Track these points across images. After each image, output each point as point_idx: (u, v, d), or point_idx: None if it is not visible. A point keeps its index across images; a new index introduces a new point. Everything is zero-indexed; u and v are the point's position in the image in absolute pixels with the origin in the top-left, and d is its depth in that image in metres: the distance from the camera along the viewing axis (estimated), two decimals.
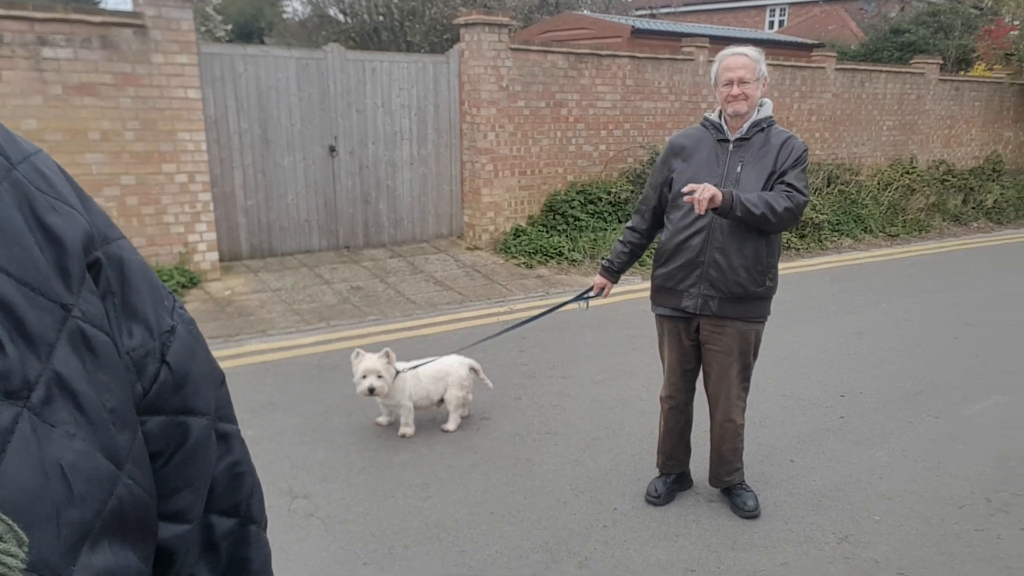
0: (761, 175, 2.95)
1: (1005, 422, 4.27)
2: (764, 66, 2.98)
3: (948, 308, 6.74)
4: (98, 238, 0.59)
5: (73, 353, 0.52)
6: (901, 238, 10.36)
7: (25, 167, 0.55)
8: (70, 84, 5.80)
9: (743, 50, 2.97)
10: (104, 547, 0.51)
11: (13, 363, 0.47)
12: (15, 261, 0.50)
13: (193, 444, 0.66)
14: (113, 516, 0.52)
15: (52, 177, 0.58)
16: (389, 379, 3.82)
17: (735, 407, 3.18)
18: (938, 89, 12.31)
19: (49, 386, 0.49)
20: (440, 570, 2.85)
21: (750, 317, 3.07)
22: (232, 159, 6.99)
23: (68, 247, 0.54)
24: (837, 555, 2.98)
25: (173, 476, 0.64)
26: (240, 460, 0.74)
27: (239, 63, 6.86)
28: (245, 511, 0.74)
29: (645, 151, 9.20)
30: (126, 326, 0.61)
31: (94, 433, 0.52)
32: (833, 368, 5.12)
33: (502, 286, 7.18)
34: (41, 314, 0.50)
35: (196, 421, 0.67)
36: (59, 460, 0.48)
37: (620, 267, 3.37)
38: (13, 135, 0.57)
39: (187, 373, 0.66)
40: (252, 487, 0.76)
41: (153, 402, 0.63)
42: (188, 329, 0.69)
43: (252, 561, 0.75)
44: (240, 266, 7.08)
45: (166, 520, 0.64)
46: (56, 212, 0.55)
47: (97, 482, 0.51)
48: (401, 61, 7.83)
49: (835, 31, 21.76)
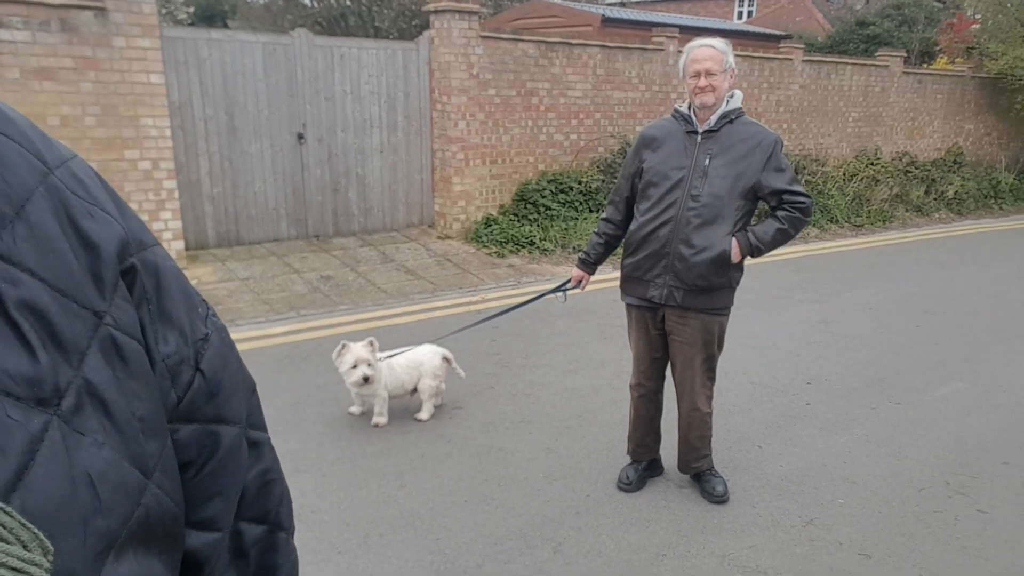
0: (731, 168, 2.97)
1: (963, 407, 4.39)
2: (732, 58, 3.00)
3: (910, 297, 6.90)
4: (133, 244, 0.58)
5: (104, 361, 0.51)
6: (866, 228, 10.56)
7: (62, 172, 0.54)
8: (28, 68, 5.64)
9: (710, 42, 2.99)
10: (129, 556, 0.50)
11: (45, 370, 0.47)
12: (49, 267, 0.49)
13: (225, 453, 0.66)
14: (139, 525, 0.51)
15: (88, 182, 0.57)
16: (376, 368, 3.83)
17: (700, 396, 3.22)
18: (902, 82, 12.54)
19: (79, 394, 0.49)
20: (415, 558, 2.86)
21: (713, 309, 3.10)
22: (197, 146, 6.86)
23: (103, 253, 0.54)
24: (803, 537, 3.05)
25: (205, 485, 0.64)
26: (270, 468, 0.74)
27: (203, 47, 6.73)
28: (274, 518, 0.74)
29: (616, 140, 9.24)
30: (161, 333, 0.60)
31: (123, 442, 0.51)
32: (800, 356, 5.22)
33: (474, 275, 7.18)
34: (73, 321, 0.50)
35: (228, 430, 0.67)
36: (87, 469, 0.48)
37: (596, 259, 3.39)
38: (50, 140, 0.56)
39: (220, 381, 0.66)
40: (282, 494, 0.76)
41: (186, 410, 0.62)
42: (221, 337, 0.68)
43: (280, 568, 0.75)
44: (207, 255, 6.98)
45: (197, 528, 0.63)
46: (92, 218, 0.54)
47: (124, 491, 0.50)
48: (370, 47, 7.75)
49: (802, 22, 22.02)
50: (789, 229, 3.02)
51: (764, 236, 3.01)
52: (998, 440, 3.97)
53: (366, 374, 3.77)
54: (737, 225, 3.02)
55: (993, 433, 4.06)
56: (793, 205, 3.00)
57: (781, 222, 3.01)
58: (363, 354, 3.78)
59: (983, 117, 14.16)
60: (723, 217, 2.98)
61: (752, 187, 2.98)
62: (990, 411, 4.35)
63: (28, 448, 0.44)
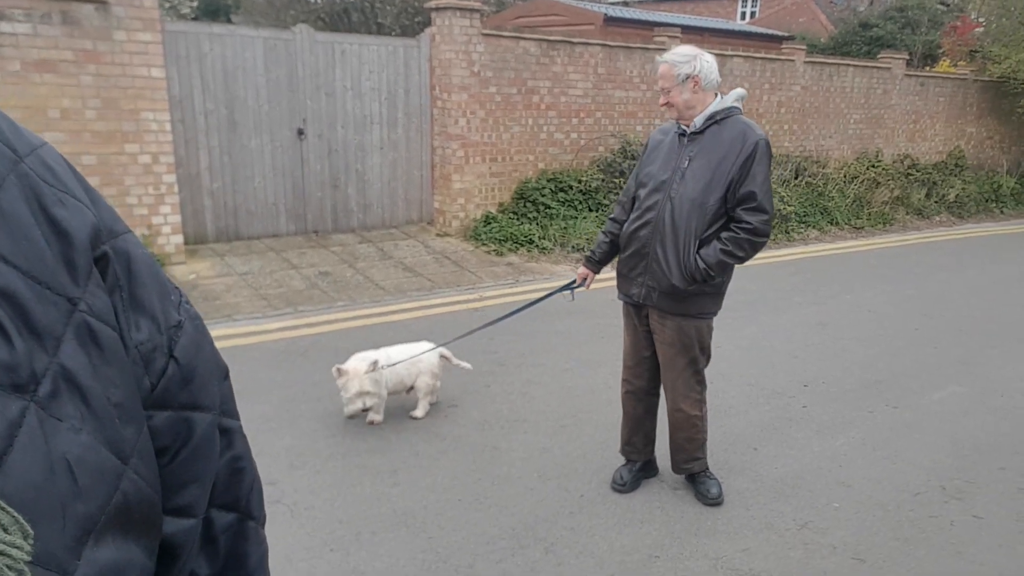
0: (706, 170, 2.92)
1: (961, 411, 4.39)
2: (689, 66, 2.91)
3: (909, 300, 6.89)
4: (105, 232, 0.58)
5: (79, 347, 0.52)
6: (866, 231, 10.55)
7: (32, 160, 0.54)
8: (29, 60, 5.63)
9: (664, 57, 2.99)
10: (108, 541, 0.51)
11: (20, 356, 0.47)
12: (22, 254, 0.49)
13: (199, 439, 0.66)
14: (118, 510, 0.52)
15: (59, 170, 0.57)
16: (380, 391, 3.83)
17: (684, 398, 3.20)
18: (904, 84, 12.52)
19: (56, 380, 0.49)
20: (407, 556, 2.85)
21: (688, 313, 3.07)
22: (197, 140, 6.85)
23: (75, 241, 0.54)
24: (797, 541, 3.05)
25: (180, 471, 0.64)
26: (241, 455, 0.74)
27: (205, 42, 6.71)
28: (245, 506, 0.75)
29: (616, 140, 9.23)
30: (134, 320, 0.60)
31: (100, 427, 0.52)
32: (797, 358, 5.21)
33: (472, 273, 7.17)
34: (48, 307, 0.50)
35: (202, 416, 0.67)
36: (65, 454, 0.48)
37: (602, 257, 3.37)
38: (19, 128, 0.56)
39: (194, 368, 0.66)
40: (252, 482, 0.76)
41: (160, 397, 0.63)
42: (194, 324, 0.69)
43: (250, 556, 0.75)
44: (206, 249, 6.97)
45: (172, 515, 0.64)
46: (63, 205, 0.54)
47: (102, 476, 0.51)
48: (371, 44, 7.74)
49: (805, 23, 21.98)
50: (735, 250, 2.90)
51: (710, 259, 2.92)
52: (994, 444, 3.97)
53: (367, 406, 3.80)
54: (713, 227, 2.96)
55: (989, 437, 4.05)
56: (739, 225, 2.90)
57: (725, 244, 2.91)
58: (366, 386, 3.75)
59: (985, 121, 14.13)
60: (696, 220, 2.93)
61: (727, 189, 2.90)
62: (987, 415, 4.34)
63: (6, 434, 0.45)
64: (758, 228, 2.90)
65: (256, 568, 0.76)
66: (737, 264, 3.01)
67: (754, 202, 2.89)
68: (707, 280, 2.97)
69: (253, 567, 0.76)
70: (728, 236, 2.92)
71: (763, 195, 2.90)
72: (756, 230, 2.90)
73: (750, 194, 2.89)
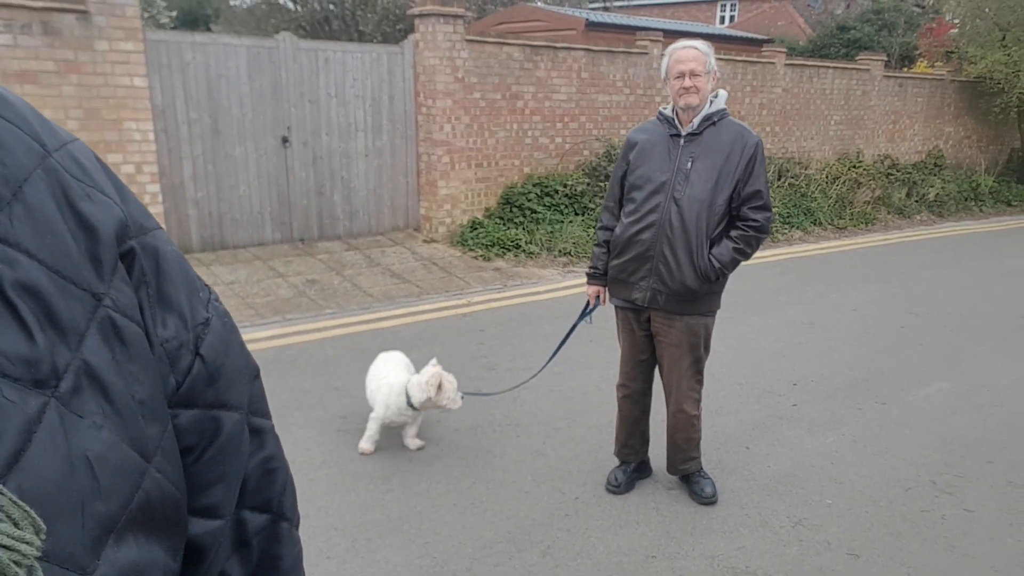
0: (712, 171, 2.97)
1: (948, 407, 4.43)
2: (714, 60, 3.01)
3: (893, 298, 6.96)
4: (133, 227, 0.58)
5: (103, 343, 0.51)
6: (849, 230, 10.65)
7: (61, 154, 0.54)
8: (9, 71, 5.57)
9: (693, 43, 2.99)
10: (130, 541, 0.50)
11: (42, 351, 0.46)
12: (46, 248, 0.49)
13: (226, 438, 0.65)
14: (140, 509, 0.51)
15: (88, 165, 0.57)
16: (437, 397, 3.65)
17: (687, 398, 3.22)
18: (883, 85, 12.67)
19: (78, 376, 0.48)
20: (403, 562, 2.84)
21: (698, 312, 3.11)
22: (181, 149, 6.81)
23: (101, 235, 0.53)
24: (791, 538, 3.06)
25: (206, 471, 0.63)
26: (273, 455, 0.73)
27: (187, 51, 6.68)
28: (277, 507, 0.73)
29: (601, 144, 9.27)
30: (160, 317, 0.60)
31: (122, 425, 0.51)
32: (785, 357, 5.24)
33: (460, 279, 7.16)
34: (72, 302, 0.49)
35: (229, 415, 0.66)
36: (85, 451, 0.47)
37: (604, 269, 3.31)
38: (51, 124, 0.56)
39: (221, 366, 0.65)
40: (284, 483, 0.75)
41: (186, 395, 0.62)
42: (223, 322, 0.68)
43: (283, 558, 0.74)
44: (191, 259, 6.91)
45: (198, 515, 0.63)
46: (91, 200, 0.54)
47: (124, 474, 0.50)
48: (355, 51, 7.73)
49: (784, 27, 22.22)
50: (745, 248, 3.02)
51: (724, 258, 3.01)
52: (982, 439, 4.01)
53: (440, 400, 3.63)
54: (720, 227, 3.02)
55: (977, 432, 4.10)
56: (747, 223, 3.00)
57: (736, 242, 3.01)
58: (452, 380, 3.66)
59: (962, 120, 14.33)
60: (706, 220, 2.98)
61: (733, 189, 2.98)
62: (973, 411, 4.39)
63: (25, 430, 0.44)
64: (764, 225, 3.01)
65: (291, 570, 0.75)
66: (744, 261, 3.06)
67: (760, 200, 2.99)
68: (719, 279, 3.04)
69: (287, 569, 0.75)
70: (738, 234, 3.00)
71: (767, 194, 3.01)
72: (762, 227, 3.01)
73: (756, 193, 2.98)
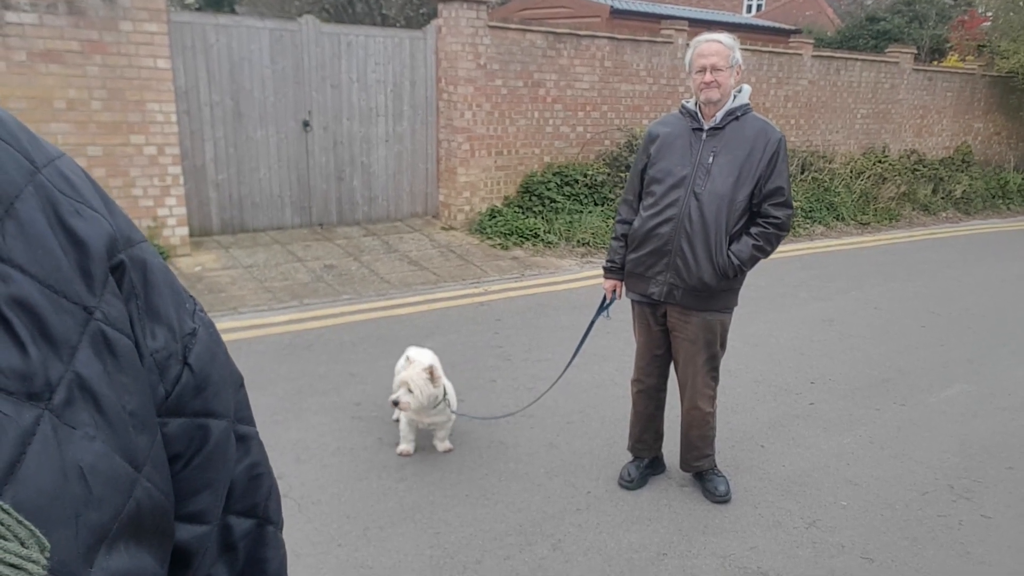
0: (734, 166, 2.93)
1: (968, 410, 4.37)
2: (739, 53, 2.96)
3: (916, 297, 6.86)
4: (122, 241, 0.59)
5: (95, 355, 0.52)
6: (872, 226, 10.50)
7: (49, 171, 0.55)
8: (35, 51, 5.61)
9: (717, 37, 2.95)
10: (120, 549, 0.51)
11: (35, 365, 0.48)
12: (38, 264, 0.50)
13: (213, 446, 0.67)
14: (130, 518, 0.52)
15: (76, 181, 0.58)
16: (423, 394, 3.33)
17: (702, 395, 3.20)
18: (911, 79, 12.44)
19: (70, 388, 0.50)
20: (414, 551, 2.85)
21: (715, 308, 3.08)
22: (203, 132, 6.83)
23: (91, 250, 0.54)
24: (805, 539, 3.04)
25: (193, 478, 0.65)
26: (258, 462, 0.75)
27: (211, 33, 6.69)
28: (263, 512, 0.75)
29: (622, 134, 9.18)
30: (149, 328, 0.61)
31: (114, 435, 0.52)
32: (804, 355, 5.19)
33: (477, 267, 7.15)
34: (63, 316, 0.50)
35: (216, 423, 0.67)
36: (79, 462, 0.48)
37: (621, 263, 3.26)
38: (38, 139, 0.57)
39: (208, 375, 0.67)
40: (270, 488, 0.77)
41: (175, 404, 0.63)
42: (208, 332, 0.69)
43: (269, 562, 0.76)
44: (211, 242, 6.96)
45: (185, 521, 0.64)
46: (80, 216, 0.55)
47: (116, 484, 0.51)
48: (377, 36, 7.70)
49: (812, 17, 21.87)
50: (765, 245, 2.99)
51: (743, 255, 2.98)
52: (1003, 444, 3.95)
53: (396, 399, 3.35)
54: (740, 223, 2.99)
55: (997, 436, 4.03)
56: (767, 220, 2.97)
57: (756, 239, 2.98)
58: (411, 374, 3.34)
59: (992, 116, 14.05)
60: (726, 216, 2.95)
61: (755, 185, 2.95)
62: (994, 414, 4.32)
63: (19, 442, 0.45)
64: (784, 222, 2.98)
65: (276, 573, 0.77)
66: (763, 258, 3.03)
67: (782, 197, 2.96)
68: (738, 275, 3.01)
69: (273, 572, 0.76)
70: (758, 231, 2.97)
71: (788, 190, 2.98)
72: (783, 224, 2.98)
73: (778, 189, 2.95)
